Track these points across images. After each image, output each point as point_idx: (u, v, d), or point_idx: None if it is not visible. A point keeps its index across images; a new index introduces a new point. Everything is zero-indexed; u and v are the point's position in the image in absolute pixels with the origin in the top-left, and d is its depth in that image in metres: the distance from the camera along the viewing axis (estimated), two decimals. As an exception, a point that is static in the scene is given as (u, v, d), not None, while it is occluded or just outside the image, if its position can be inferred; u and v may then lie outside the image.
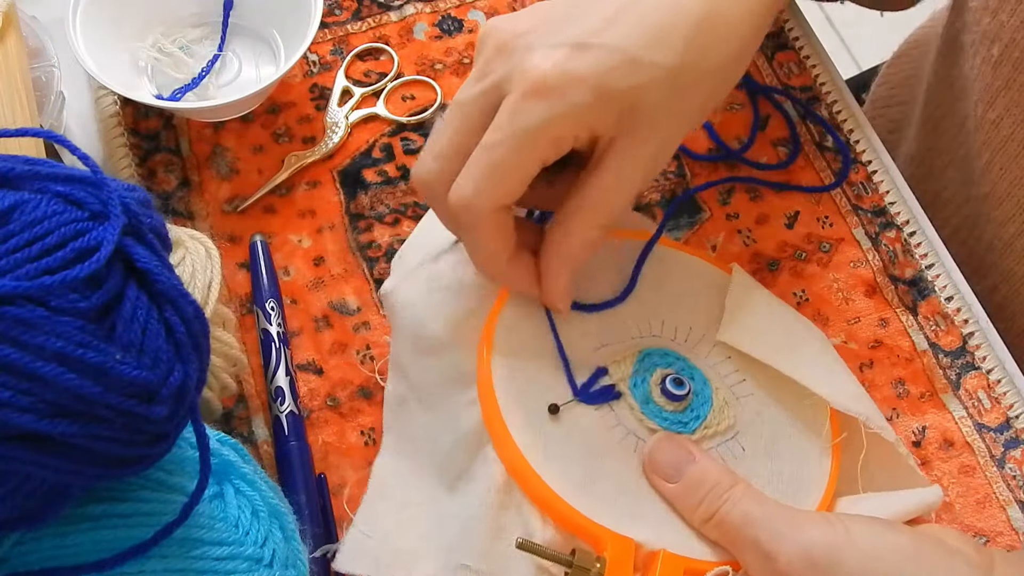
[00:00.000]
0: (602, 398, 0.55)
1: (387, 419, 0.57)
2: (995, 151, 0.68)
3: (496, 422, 0.52)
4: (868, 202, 0.65)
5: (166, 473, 0.47)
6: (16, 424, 0.39)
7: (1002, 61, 0.65)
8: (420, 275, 0.57)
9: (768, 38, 0.70)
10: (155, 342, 0.42)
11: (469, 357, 0.55)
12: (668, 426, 0.55)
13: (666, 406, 0.55)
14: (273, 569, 0.47)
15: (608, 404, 0.55)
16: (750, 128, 0.67)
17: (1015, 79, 0.65)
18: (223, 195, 0.64)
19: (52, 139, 0.46)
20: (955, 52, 0.72)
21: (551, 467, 0.52)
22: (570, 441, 0.53)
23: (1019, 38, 0.63)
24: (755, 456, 0.55)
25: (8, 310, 0.39)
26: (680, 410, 0.55)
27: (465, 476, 0.53)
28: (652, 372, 0.56)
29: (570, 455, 0.53)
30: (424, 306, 0.56)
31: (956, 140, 0.73)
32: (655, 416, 0.55)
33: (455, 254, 0.57)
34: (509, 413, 0.53)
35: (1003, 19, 0.64)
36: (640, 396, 0.55)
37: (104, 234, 0.42)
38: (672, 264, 0.60)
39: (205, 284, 0.53)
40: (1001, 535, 0.58)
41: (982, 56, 0.67)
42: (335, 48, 0.69)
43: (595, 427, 0.54)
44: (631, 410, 0.55)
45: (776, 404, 0.57)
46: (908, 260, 0.64)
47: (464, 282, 0.57)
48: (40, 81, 0.63)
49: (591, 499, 0.51)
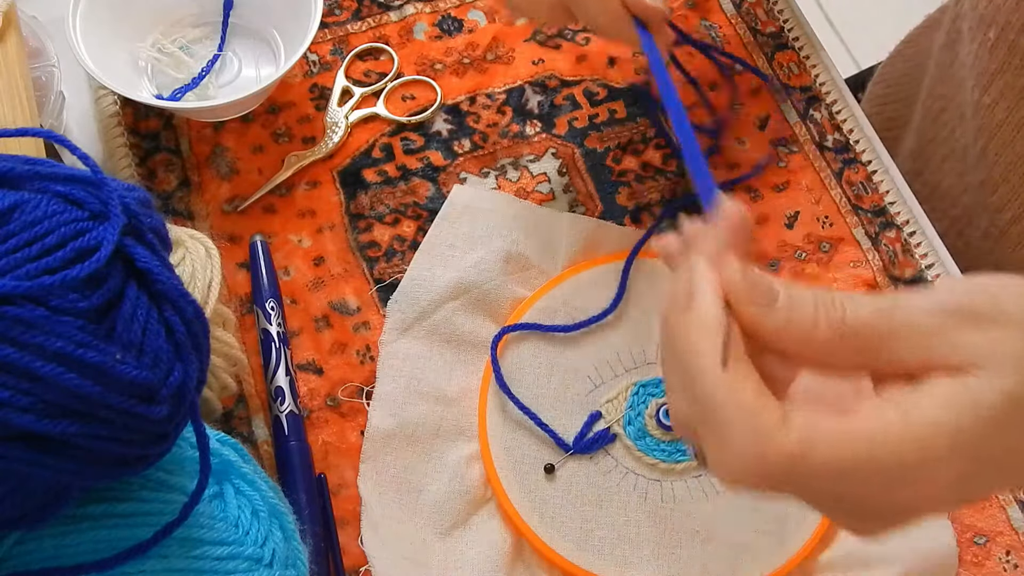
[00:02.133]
0: (597, 445, 0.57)
1: (368, 449, 0.58)
2: (990, 136, 0.68)
3: (496, 485, 0.56)
4: (868, 202, 0.65)
5: (166, 473, 0.47)
6: (16, 424, 0.39)
7: (997, 44, 0.65)
8: (418, 329, 0.60)
9: (768, 38, 0.70)
10: (155, 342, 0.42)
11: (468, 412, 0.58)
12: (666, 457, 0.57)
13: (663, 437, 0.57)
14: (273, 569, 0.47)
15: (604, 448, 0.57)
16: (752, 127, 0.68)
17: (1010, 62, 0.65)
18: (223, 195, 0.64)
19: (52, 139, 0.46)
20: (956, 41, 0.72)
21: (550, 527, 0.55)
22: (568, 497, 0.56)
23: (1014, 20, 0.63)
24: None
25: (8, 310, 0.39)
26: (678, 438, 0.57)
27: (464, 526, 0.56)
28: (647, 404, 0.58)
29: (568, 511, 0.56)
30: (424, 358, 0.59)
31: (956, 131, 0.73)
32: (653, 451, 0.57)
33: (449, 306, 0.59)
34: (506, 477, 0.56)
35: (999, 2, 0.65)
36: (635, 433, 0.57)
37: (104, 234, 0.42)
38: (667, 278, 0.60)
39: (205, 284, 0.53)
40: (1001, 535, 0.58)
41: (979, 40, 0.67)
42: (335, 48, 0.69)
43: (592, 476, 0.57)
44: (628, 450, 0.57)
45: None
46: (908, 260, 0.64)
47: (461, 333, 0.59)
48: (40, 81, 0.63)
49: (591, 552, 0.54)
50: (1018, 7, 0.63)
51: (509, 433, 0.57)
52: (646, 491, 0.56)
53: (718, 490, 0.56)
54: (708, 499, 0.56)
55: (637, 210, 0.65)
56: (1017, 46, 0.64)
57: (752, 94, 0.69)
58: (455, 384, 0.58)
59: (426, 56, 0.69)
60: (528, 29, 0.70)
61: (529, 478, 0.56)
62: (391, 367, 0.59)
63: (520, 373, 0.58)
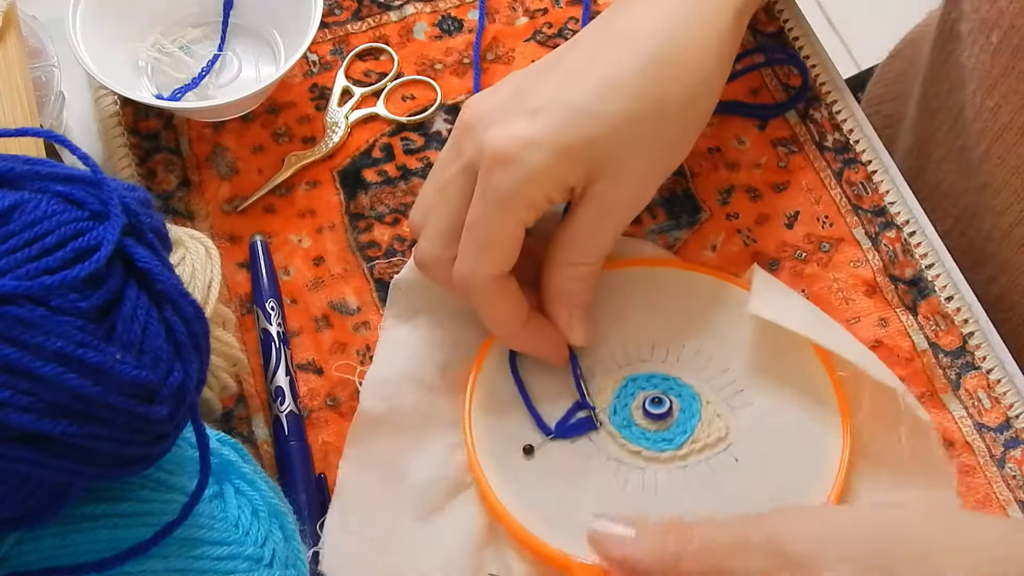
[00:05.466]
0: (578, 430, 0.57)
1: (355, 432, 0.58)
2: (993, 139, 0.68)
3: (474, 465, 0.56)
4: (868, 202, 0.65)
5: (166, 473, 0.47)
6: (16, 424, 0.39)
7: (1001, 48, 0.65)
8: (419, 321, 0.60)
9: (768, 38, 0.70)
10: (155, 342, 0.42)
11: (458, 403, 0.58)
12: (651, 445, 0.56)
13: (649, 427, 0.57)
14: (273, 569, 0.47)
15: (587, 435, 0.57)
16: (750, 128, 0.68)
17: (1014, 66, 0.65)
18: (223, 195, 0.64)
19: (52, 139, 0.46)
20: (952, 42, 0.72)
21: (523, 504, 0.55)
22: (544, 477, 0.56)
23: (1019, 24, 0.63)
24: (749, 466, 0.56)
25: (8, 310, 0.39)
26: (665, 428, 0.57)
27: (442, 511, 0.56)
28: (635, 396, 0.58)
29: (544, 491, 0.55)
30: (423, 347, 0.59)
31: (953, 131, 0.73)
32: (638, 439, 0.57)
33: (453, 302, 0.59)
34: (484, 459, 0.56)
35: (1002, 6, 0.64)
36: (620, 422, 0.57)
37: (104, 234, 0.42)
38: (664, 282, 0.61)
39: (205, 284, 0.53)
40: (1001, 535, 0.58)
41: (980, 44, 0.67)
42: (335, 48, 0.69)
43: (571, 460, 0.56)
44: (612, 437, 0.57)
45: (778, 413, 0.57)
46: (908, 260, 0.64)
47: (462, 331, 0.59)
48: (40, 81, 0.63)
49: (564, 531, 0.54)
50: (1022, 11, 0.63)
51: (493, 415, 0.57)
52: (627, 478, 0.56)
53: (701, 481, 0.56)
54: (690, 489, 0.56)
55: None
56: (1021, 50, 0.64)
57: (752, 94, 0.69)
58: (451, 373, 0.58)
59: (426, 56, 0.69)
60: (528, 29, 0.70)
61: (508, 458, 0.56)
62: (388, 351, 0.59)
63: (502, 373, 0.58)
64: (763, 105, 0.68)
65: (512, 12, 0.71)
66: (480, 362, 0.58)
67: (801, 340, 0.58)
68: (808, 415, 0.57)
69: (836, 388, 0.57)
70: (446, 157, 0.56)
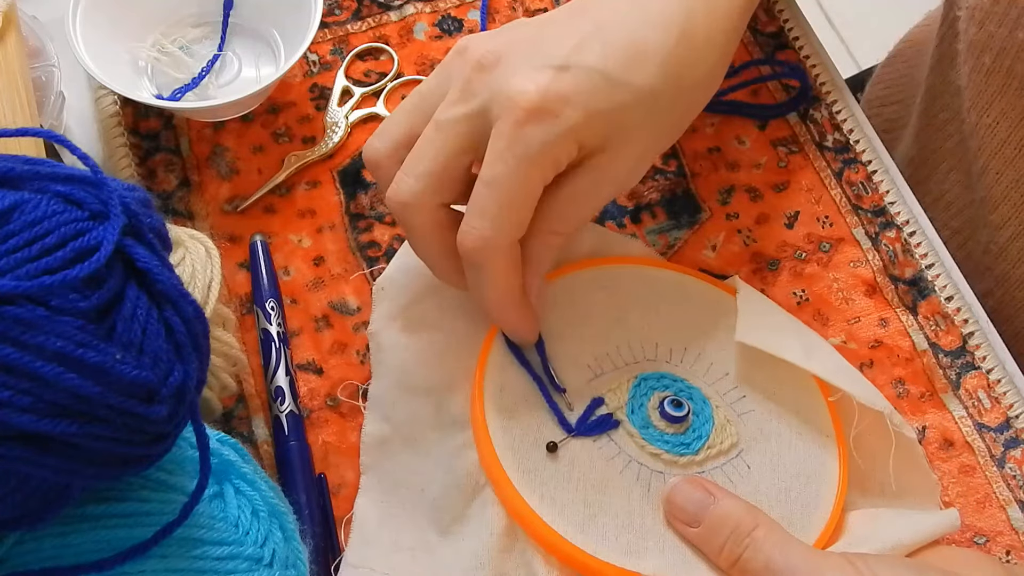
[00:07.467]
0: (600, 428, 0.55)
1: (366, 460, 0.57)
2: (991, 155, 0.68)
3: (494, 466, 0.53)
4: (868, 202, 0.65)
5: (166, 473, 0.47)
6: (16, 424, 0.39)
7: (994, 70, 0.65)
8: (407, 316, 0.58)
9: (768, 38, 0.70)
10: (155, 342, 0.42)
11: (460, 400, 0.56)
12: (670, 449, 0.55)
13: (667, 429, 0.55)
14: (273, 569, 0.47)
15: (607, 434, 0.55)
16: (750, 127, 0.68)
17: (1009, 85, 0.65)
18: (223, 195, 0.64)
19: (52, 139, 0.46)
20: (949, 57, 0.72)
21: (551, 507, 0.52)
22: (570, 478, 0.53)
23: (1009, 47, 0.63)
24: (761, 473, 0.55)
25: (8, 310, 0.39)
26: (681, 431, 0.55)
27: (461, 520, 0.53)
28: (649, 396, 0.56)
29: (571, 493, 0.53)
30: (413, 348, 0.57)
31: (957, 144, 0.73)
32: (656, 440, 0.55)
33: (440, 294, 0.58)
34: (505, 456, 0.53)
35: (991, 29, 0.64)
36: (639, 422, 0.55)
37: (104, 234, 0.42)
38: (663, 285, 0.60)
39: (205, 284, 0.53)
40: (1001, 535, 0.58)
41: (972, 64, 0.67)
42: (335, 48, 0.69)
43: (595, 460, 0.54)
44: (631, 437, 0.55)
45: (777, 419, 0.57)
46: (908, 260, 0.64)
47: (453, 322, 0.57)
48: (40, 81, 0.63)
49: (594, 536, 0.51)
50: (1011, 35, 0.63)
51: (506, 413, 0.54)
52: (649, 482, 0.54)
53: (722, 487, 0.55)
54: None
55: (637, 210, 0.65)
56: (1014, 71, 0.64)
57: (752, 94, 0.69)
58: (446, 370, 0.57)
59: (426, 56, 0.69)
60: (528, 29, 0.70)
61: (530, 457, 0.53)
62: (379, 362, 0.58)
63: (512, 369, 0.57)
64: (763, 105, 0.68)
65: (512, 12, 0.71)
66: (484, 357, 0.56)
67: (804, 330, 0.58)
68: (805, 422, 0.57)
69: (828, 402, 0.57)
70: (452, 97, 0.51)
